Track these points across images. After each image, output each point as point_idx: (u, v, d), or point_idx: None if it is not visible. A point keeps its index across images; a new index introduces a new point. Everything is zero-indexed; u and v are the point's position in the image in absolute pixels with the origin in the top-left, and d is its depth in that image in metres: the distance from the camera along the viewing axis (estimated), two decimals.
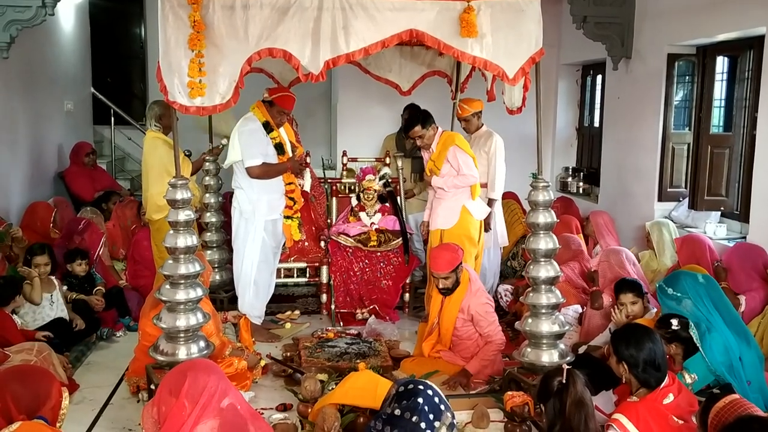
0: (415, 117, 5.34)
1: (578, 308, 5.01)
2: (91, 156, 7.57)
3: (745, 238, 5.19)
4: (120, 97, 9.46)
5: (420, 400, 2.64)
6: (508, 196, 6.68)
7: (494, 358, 4.46)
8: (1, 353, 4.06)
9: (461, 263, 4.54)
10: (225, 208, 5.87)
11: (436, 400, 2.67)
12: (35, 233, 5.77)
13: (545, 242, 4.01)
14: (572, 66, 8.17)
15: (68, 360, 4.57)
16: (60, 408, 2.67)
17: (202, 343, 3.93)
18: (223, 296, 5.79)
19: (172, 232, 3.82)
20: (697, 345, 3.49)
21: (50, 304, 4.88)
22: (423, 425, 2.58)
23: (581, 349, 4.45)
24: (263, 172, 5.06)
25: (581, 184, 7.80)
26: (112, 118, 9.02)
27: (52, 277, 5.00)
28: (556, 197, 6.27)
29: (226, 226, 5.91)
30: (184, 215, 3.80)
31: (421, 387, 2.69)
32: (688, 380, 3.41)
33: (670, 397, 2.97)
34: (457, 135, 5.38)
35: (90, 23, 9.10)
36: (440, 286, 4.51)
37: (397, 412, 2.64)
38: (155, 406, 2.51)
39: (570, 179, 7.95)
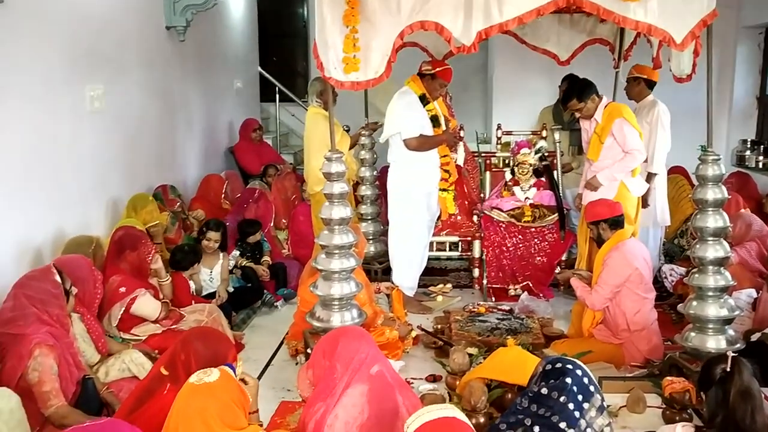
0: (572, 89, 5.13)
1: (752, 293, 4.61)
2: (258, 131, 8.01)
3: None
4: (284, 75, 9.88)
5: (569, 380, 2.55)
6: (676, 171, 6.28)
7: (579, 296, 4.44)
8: (178, 313, 4.45)
9: (607, 220, 4.44)
10: (380, 181, 5.99)
11: (586, 380, 2.57)
12: (208, 203, 6.24)
13: (714, 220, 3.72)
14: (754, 28, 7.44)
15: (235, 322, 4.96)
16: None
17: (355, 312, 4.05)
18: (377, 267, 5.94)
19: (327, 203, 3.96)
20: None
21: (209, 279, 5.22)
22: (571, 406, 2.50)
23: (754, 337, 4.10)
24: (420, 144, 5.11)
25: (761, 158, 7.13)
26: (277, 96, 9.45)
27: (220, 253, 5.31)
28: (729, 172, 5.80)
29: (381, 199, 6.05)
30: (339, 188, 3.92)
31: (569, 366, 2.60)
32: None
33: None
34: (624, 107, 5.08)
35: (257, 4, 9.57)
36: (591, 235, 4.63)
37: (544, 390, 2.58)
38: (310, 369, 2.64)
39: (748, 153, 7.29)
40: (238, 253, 5.66)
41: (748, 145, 7.43)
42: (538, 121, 6.85)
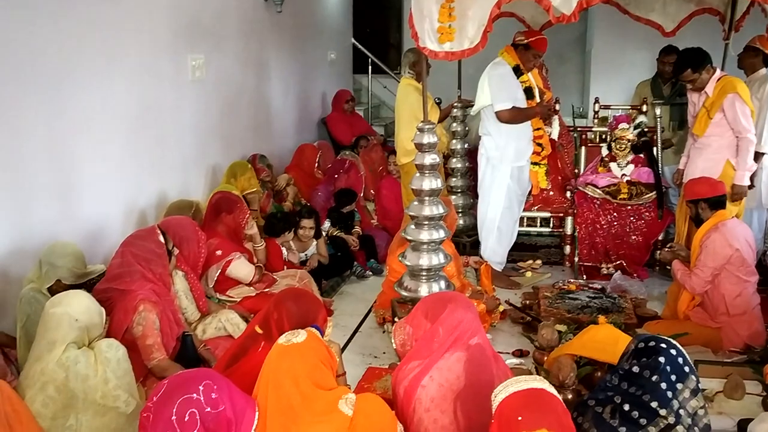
0: (687, 59, 4.88)
1: None
2: (350, 103, 8.08)
3: None
4: (377, 47, 9.86)
5: (662, 359, 2.47)
6: None
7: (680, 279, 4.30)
8: (271, 277, 4.60)
9: (708, 200, 4.28)
10: (471, 154, 5.94)
11: (680, 360, 2.47)
12: (302, 172, 6.38)
13: None
14: None
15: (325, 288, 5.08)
16: (323, 334, 2.95)
17: (443, 283, 4.06)
18: (466, 240, 5.92)
19: (418, 174, 3.96)
20: None
21: (303, 260, 5.29)
22: (664, 386, 2.42)
23: None
24: (512, 116, 5.03)
25: None
26: (370, 67, 9.48)
27: (314, 240, 5.35)
28: None
29: (471, 173, 6.01)
30: (430, 159, 3.90)
31: (663, 345, 2.51)
32: None
33: None
34: (739, 82, 4.77)
35: None
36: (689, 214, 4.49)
37: (636, 369, 2.50)
38: (408, 325, 2.67)
39: None
40: (328, 223, 5.76)
41: None
42: (634, 95, 6.61)
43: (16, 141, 3.40)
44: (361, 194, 6.29)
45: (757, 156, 5.08)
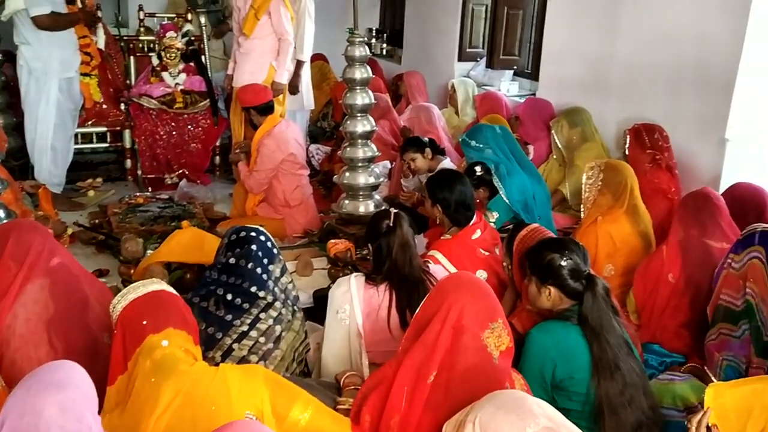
0: None
1: (387, 164, 5.27)
2: None
3: (534, 94, 5.68)
4: None
5: (253, 246, 2.67)
6: (318, 58, 6.66)
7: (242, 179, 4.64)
8: None
9: (256, 108, 4.63)
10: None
11: (269, 244, 2.72)
12: None
13: (362, 97, 4.09)
14: None
15: None
16: None
17: (1, 212, 3.60)
18: (14, 164, 5.24)
19: None
20: (498, 187, 3.85)
21: None
22: (259, 270, 2.64)
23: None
24: (53, 22, 4.61)
25: (385, 45, 7.92)
26: None
27: None
28: None
29: (8, 89, 5.30)
30: None
31: (253, 234, 2.72)
32: (491, 219, 3.78)
33: (478, 233, 3.29)
34: None
35: None
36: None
37: (232, 260, 2.66)
38: None
39: (374, 41, 8.01)
40: None
41: (374, 34, 8.15)
42: (169, 3, 6.61)
43: None
44: None
45: (299, 64, 5.63)
